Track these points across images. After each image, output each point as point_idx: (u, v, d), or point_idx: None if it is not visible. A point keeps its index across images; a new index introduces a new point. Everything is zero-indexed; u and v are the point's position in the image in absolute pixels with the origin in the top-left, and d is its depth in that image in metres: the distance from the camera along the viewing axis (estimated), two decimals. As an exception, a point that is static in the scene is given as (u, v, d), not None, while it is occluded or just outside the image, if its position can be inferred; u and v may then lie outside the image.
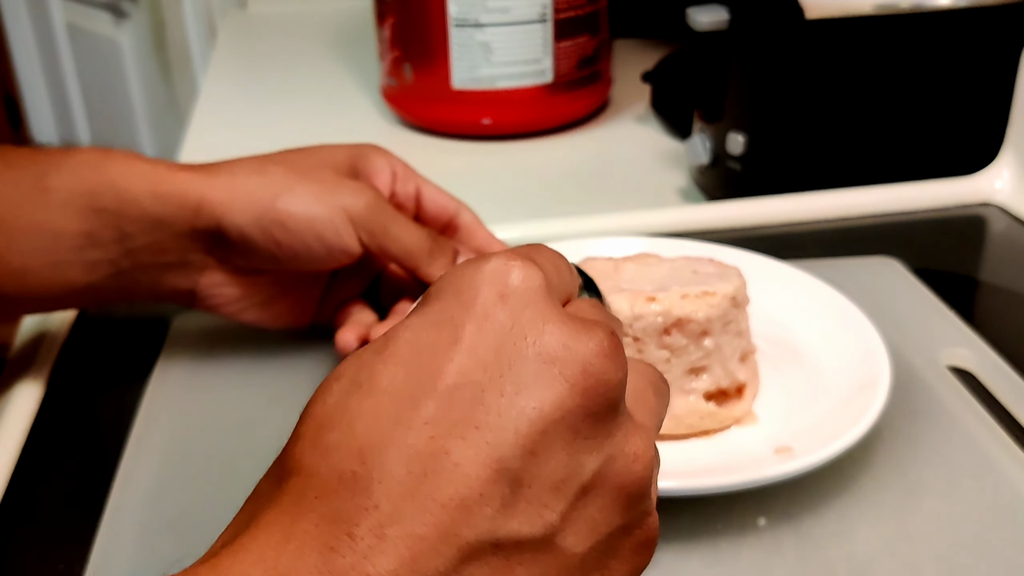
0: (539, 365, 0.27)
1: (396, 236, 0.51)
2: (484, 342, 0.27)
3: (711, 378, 0.46)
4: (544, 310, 0.27)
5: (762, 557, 0.41)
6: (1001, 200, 0.71)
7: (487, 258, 0.28)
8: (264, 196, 0.49)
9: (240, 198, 0.49)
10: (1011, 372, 0.51)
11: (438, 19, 0.87)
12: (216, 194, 0.49)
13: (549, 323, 0.27)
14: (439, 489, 0.25)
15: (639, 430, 0.29)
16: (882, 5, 0.66)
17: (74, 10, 1.93)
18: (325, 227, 0.49)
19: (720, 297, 0.45)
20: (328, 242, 0.49)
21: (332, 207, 0.49)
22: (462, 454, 0.25)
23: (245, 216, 0.49)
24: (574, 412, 0.27)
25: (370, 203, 0.50)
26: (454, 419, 0.26)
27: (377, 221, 0.50)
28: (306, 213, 0.49)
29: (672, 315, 0.44)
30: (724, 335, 0.46)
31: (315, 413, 0.27)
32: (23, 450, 0.50)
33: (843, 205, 0.71)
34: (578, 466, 0.27)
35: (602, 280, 0.48)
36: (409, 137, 0.95)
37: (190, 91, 1.56)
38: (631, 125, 0.97)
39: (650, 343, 0.45)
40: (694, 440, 0.47)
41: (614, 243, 0.58)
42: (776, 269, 0.56)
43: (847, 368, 0.49)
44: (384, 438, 0.25)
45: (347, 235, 0.50)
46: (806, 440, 0.44)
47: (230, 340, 0.56)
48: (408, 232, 0.51)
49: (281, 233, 0.49)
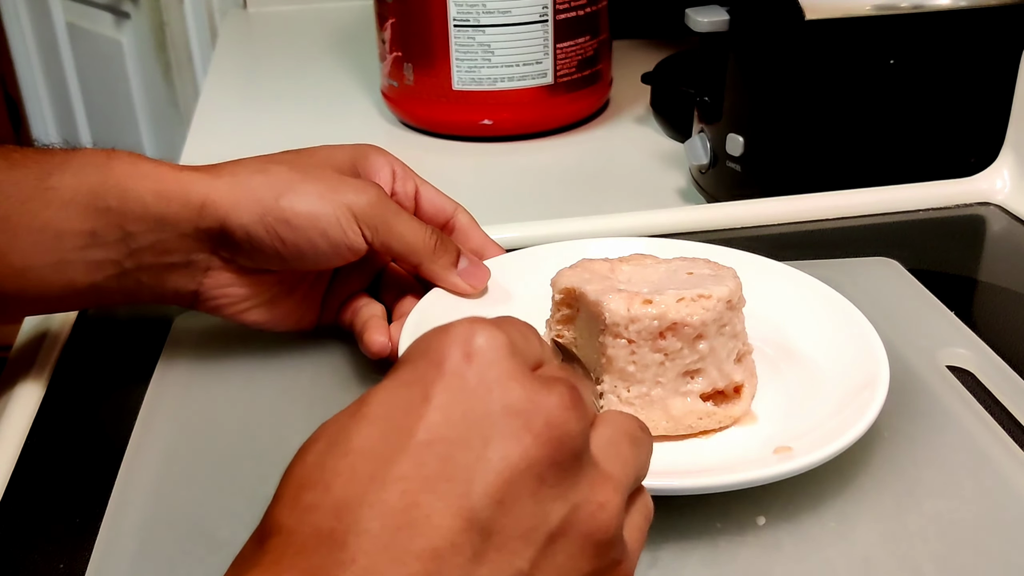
0: (505, 419, 0.28)
1: (400, 233, 0.51)
2: (452, 400, 0.28)
3: (707, 380, 0.46)
4: (509, 368, 0.29)
5: (761, 556, 0.41)
6: (1000, 200, 0.71)
7: (454, 323, 0.30)
8: (268, 195, 0.49)
9: (244, 197, 0.49)
10: (1010, 372, 0.51)
11: (439, 20, 0.87)
12: (220, 193, 0.49)
13: (513, 380, 0.29)
14: (413, 541, 0.26)
15: (606, 480, 0.30)
16: (881, 6, 0.66)
17: (75, 10, 1.93)
18: (330, 224, 0.49)
19: (715, 300, 0.45)
20: (333, 239, 0.49)
21: (336, 204, 0.49)
22: (433, 507, 0.26)
23: (249, 215, 0.49)
24: (540, 462, 0.28)
25: (374, 199, 0.50)
26: (425, 474, 0.27)
27: (381, 217, 0.50)
28: (310, 210, 0.49)
29: (667, 319, 0.44)
30: (719, 337, 0.46)
31: (294, 475, 0.28)
32: (23, 450, 0.50)
33: (842, 206, 0.71)
34: (545, 514, 0.28)
35: (599, 281, 0.48)
36: (409, 138, 0.95)
37: (191, 91, 1.56)
38: (631, 126, 0.97)
39: (645, 346, 0.45)
40: (693, 440, 0.47)
41: (613, 243, 0.58)
42: (773, 269, 0.56)
43: (845, 367, 0.49)
44: (359, 495, 0.26)
45: (351, 232, 0.50)
46: (806, 440, 0.44)
47: (231, 340, 0.56)
48: (412, 229, 0.51)
49: (286, 231, 0.49)
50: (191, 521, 0.44)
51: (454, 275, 0.53)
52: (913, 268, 0.62)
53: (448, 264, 0.53)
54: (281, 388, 0.53)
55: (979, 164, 0.72)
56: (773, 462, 0.43)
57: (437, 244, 0.52)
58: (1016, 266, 0.67)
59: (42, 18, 2.02)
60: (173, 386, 0.54)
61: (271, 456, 0.48)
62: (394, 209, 0.51)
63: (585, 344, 0.48)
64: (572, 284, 0.48)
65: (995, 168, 0.72)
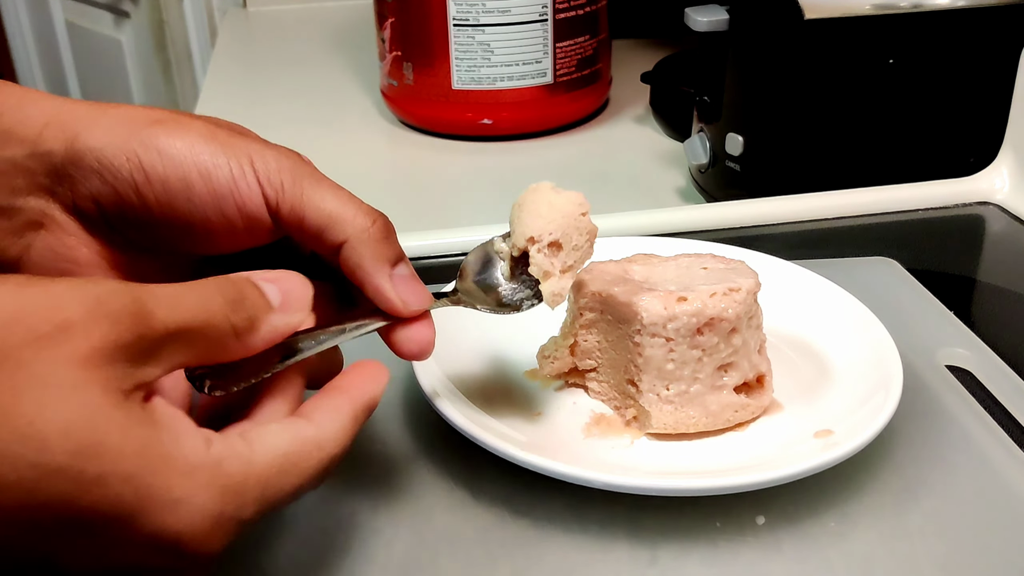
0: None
1: (320, 197, 0.37)
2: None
3: (739, 373, 0.46)
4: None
5: (761, 556, 0.41)
6: (1000, 200, 0.71)
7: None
8: (141, 119, 0.37)
9: (107, 117, 0.37)
10: (1010, 372, 0.51)
11: (438, 19, 0.87)
12: (75, 114, 0.37)
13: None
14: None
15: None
16: (881, 5, 0.66)
17: (74, 9, 1.93)
18: (217, 165, 0.36)
19: (744, 292, 0.46)
20: (217, 186, 0.36)
21: (232, 149, 0.37)
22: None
23: (109, 137, 0.36)
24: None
25: (283, 157, 0.38)
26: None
27: (293, 176, 0.37)
28: (193, 145, 0.36)
29: (705, 315, 0.45)
30: (749, 329, 0.46)
31: None
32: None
33: (842, 205, 0.71)
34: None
35: (621, 283, 0.48)
36: (409, 137, 0.95)
37: (190, 90, 1.56)
38: (630, 125, 0.97)
39: (683, 343, 0.45)
40: (731, 433, 0.47)
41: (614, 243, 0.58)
42: (772, 264, 0.56)
43: (852, 353, 0.50)
44: None
45: (245, 184, 0.37)
46: (843, 423, 0.45)
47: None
48: (338, 195, 0.38)
49: (153, 160, 0.36)
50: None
51: (385, 277, 0.38)
52: (912, 268, 0.62)
53: (384, 258, 0.38)
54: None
55: (978, 164, 0.72)
56: (821, 447, 0.43)
57: (376, 223, 0.38)
58: (1016, 266, 0.67)
59: (41, 17, 2.02)
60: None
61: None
62: (312, 173, 0.38)
63: (612, 347, 0.48)
64: (597, 288, 0.48)
65: (994, 168, 0.72)
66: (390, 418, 0.49)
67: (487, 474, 0.45)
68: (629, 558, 0.41)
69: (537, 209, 0.44)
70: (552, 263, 0.43)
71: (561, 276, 0.44)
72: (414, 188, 0.86)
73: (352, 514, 0.43)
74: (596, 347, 0.49)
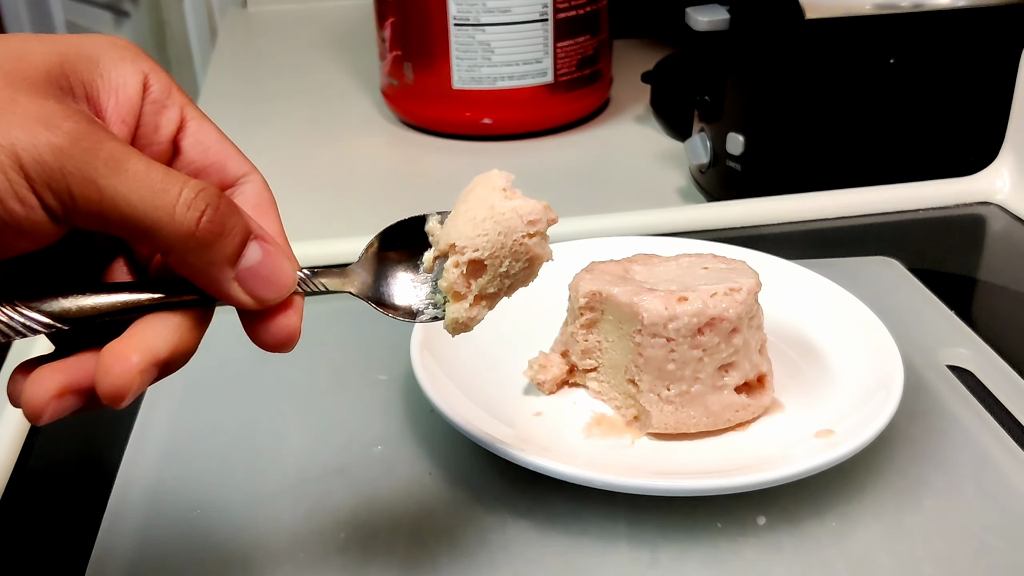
0: None
1: (122, 195, 0.29)
2: None
3: (739, 373, 0.46)
4: None
5: (762, 556, 0.41)
6: (1000, 199, 0.71)
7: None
8: None
9: None
10: (1010, 371, 0.51)
11: (438, 19, 0.87)
12: None
13: None
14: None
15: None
16: (881, 5, 0.66)
17: (74, 9, 1.93)
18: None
19: (745, 292, 0.46)
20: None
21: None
22: None
23: None
24: None
25: (62, 141, 0.28)
26: None
27: (77, 171, 0.28)
28: None
29: (706, 315, 0.45)
30: (750, 329, 0.46)
31: None
32: (23, 450, 0.50)
33: (842, 205, 0.71)
34: None
35: (621, 283, 0.47)
36: (409, 137, 0.95)
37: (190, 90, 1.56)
38: (631, 125, 0.97)
39: (684, 343, 0.45)
40: (733, 433, 0.47)
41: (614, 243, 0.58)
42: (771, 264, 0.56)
43: (852, 353, 0.50)
44: None
45: (13, 195, 0.28)
46: (845, 423, 0.44)
47: (231, 340, 0.56)
48: (147, 186, 0.29)
49: None
50: (190, 522, 0.44)
51: (227, 281, 0.32)
52: (913, 267, 0.62)
53: (221, 262, 0.31)
54: (280, 387, 0.53)
55: (979, 163, 0.72)
56: (821, 447, 0.43)
57: (204, 216, 0.30)
58: (1016, 265, 0.67)
59: (42, 16, 2.02)
60: (172, 386, 0.53)
61: (270, 455, 0.48)
62: (110, 156, 0.29)
63: (613, 347, 0.48)
64: (597, 288, 0.48)
65: (995, 167, 0.72)
66: (390, 418, 0.49)
67: (487, 474, 0.45)
68: (629, 559, 0.41)
69: (474, 212, 0.36)
70: (470, 284, 0.36)
71: (474, 303, 0.36)
72: (414, 188, 0.86)
73: (352, 514, 0.43)
74: (596, 347, 0.49)
